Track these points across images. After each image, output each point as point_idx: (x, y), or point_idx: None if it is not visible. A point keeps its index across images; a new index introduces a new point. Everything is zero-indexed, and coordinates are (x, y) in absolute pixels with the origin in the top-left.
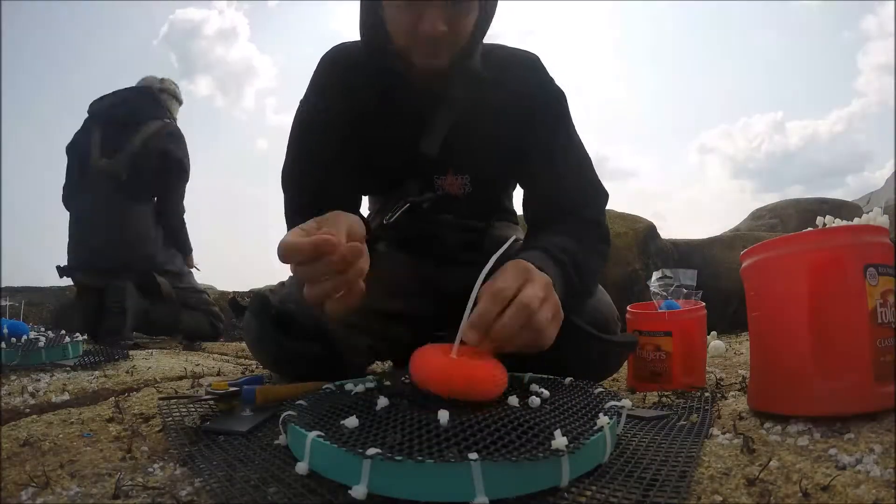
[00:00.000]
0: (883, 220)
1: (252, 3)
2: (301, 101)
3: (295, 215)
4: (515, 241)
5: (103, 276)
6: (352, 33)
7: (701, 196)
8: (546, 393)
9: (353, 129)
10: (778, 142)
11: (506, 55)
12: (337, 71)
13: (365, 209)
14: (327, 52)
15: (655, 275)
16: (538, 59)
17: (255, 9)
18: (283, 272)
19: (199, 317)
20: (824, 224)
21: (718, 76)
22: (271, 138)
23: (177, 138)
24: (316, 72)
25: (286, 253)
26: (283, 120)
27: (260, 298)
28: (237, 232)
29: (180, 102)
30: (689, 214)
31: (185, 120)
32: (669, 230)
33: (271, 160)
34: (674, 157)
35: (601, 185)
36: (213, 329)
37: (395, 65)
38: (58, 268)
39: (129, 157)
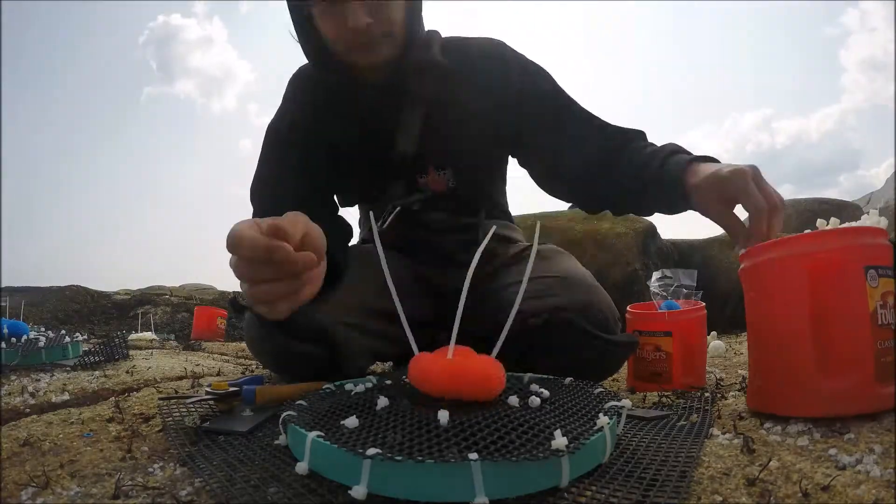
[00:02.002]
0: (882, 222)
1: (229, 10)
2: (271, 120)
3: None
4: (494, 231)
5: None
6: None
7: None
8: (546, 393)
9: (325, 141)
10: (764, 141)
11: (467, 43)
12: (303, 86)
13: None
14: (297, 70)
15: (655, 275)
16: (503, 42)
17: (232, 15)
18: None
19: None
20: (825, 225)
21: (700, 76)
22: (257, 139)
23: None
24: (286, 88)
25: (235, 243)
26: (265, 122)
27: None
28: (221, 234)
29: None
30: (681, 215)
31: (169, 124)
32: (664, 231)
33: (255, 162)
34: None
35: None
36: None
37: (339, 69)
38: None
39: None
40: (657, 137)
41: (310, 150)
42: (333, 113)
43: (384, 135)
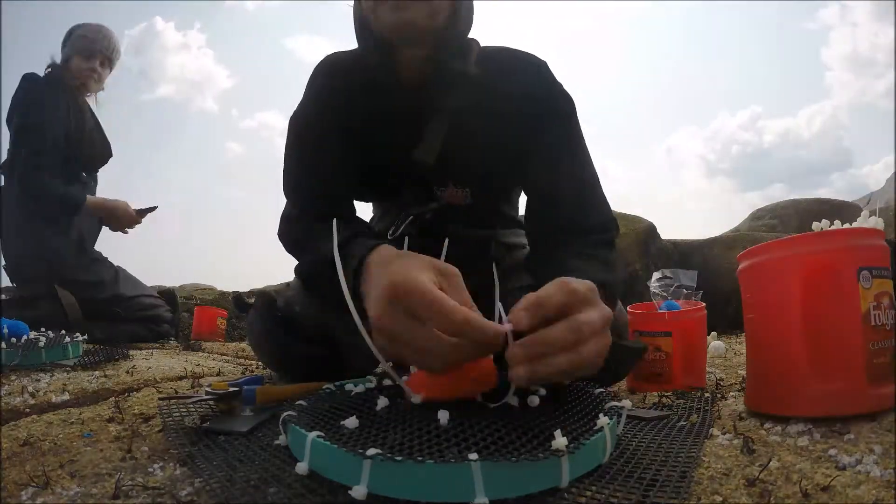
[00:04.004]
0: (878, 223)
1: (207, 17)
2: (296, 111)
3: (293, 221)
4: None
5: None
6: (302, 48)
7: (681, 198)
8: (543, 391)
9: (349, 137)
10: (750, 141)
11: (508, 58)
12: (329, 79)
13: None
14: (320, 62)
15: (655, 275)
16: (545, 63)
17: (210, 21)
18: (280, 274)
19: (128, 327)
20: (821, 228)
21: (681, 77)
22: (243, 142)
23: (29, 89)
24: (310, 81)
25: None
26: (249, 125)
27: (266, 299)
28: (224, 234)
29: (104, 56)
30: (673, 216)
31: (158, 128)
32: (664, 231)
33: (245, 163)
34: (644, 160)
35: (608, 205)
36: (155, 335)
37: (384, 62)
38: None
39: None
40: (644, 139)
41: (333, 144)
42: (360, 110)
43: (407, 140)
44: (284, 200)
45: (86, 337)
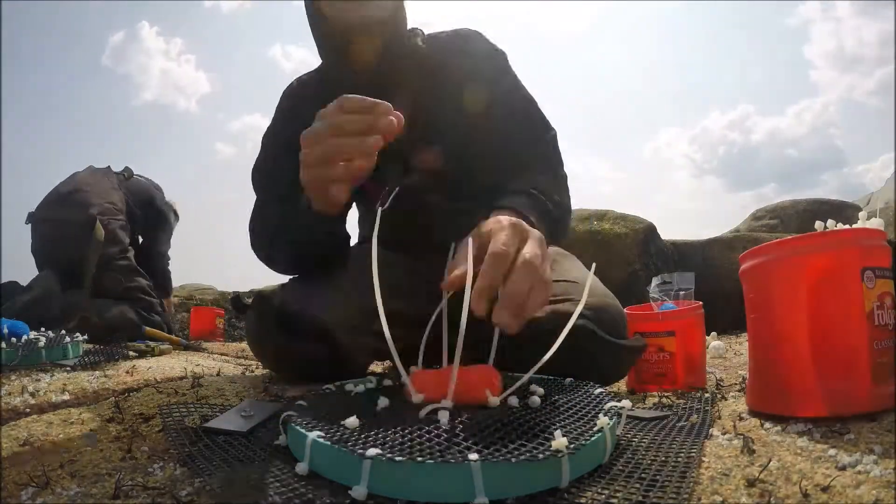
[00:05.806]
0: (878, 223)
1: (187, 22)
2: (267, 128)
3: (261, 219)
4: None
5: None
6: (282, 53)
7: (673, 198)
8: (541, 390)
9: None
10: (738, 141)
11: (446, 34)
12: (296, 94)
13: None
14: (287, 85)
15: (655, 280)
16: (478, 31)
17: (190, 27)
18: (276, 276)
19: (118, 310)
20: (824, 227)
21: (668, 77)
22: (231, 143)
23: (168, 205)
24: (280, 99)
25: (342, 103)
26: (237, 127)
27: (262, 298)
28: (224, 234)
29: (177, 218)
30: (667, 217)
31: (149, 132)
32: (664, 232)
33: (238, 164)
34: (633, 161)
35: (548, 124)
36: (146, 323)
37: (338, 53)
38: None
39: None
40: (628, 141)
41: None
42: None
43: None
44: None
45: (84, 338)
